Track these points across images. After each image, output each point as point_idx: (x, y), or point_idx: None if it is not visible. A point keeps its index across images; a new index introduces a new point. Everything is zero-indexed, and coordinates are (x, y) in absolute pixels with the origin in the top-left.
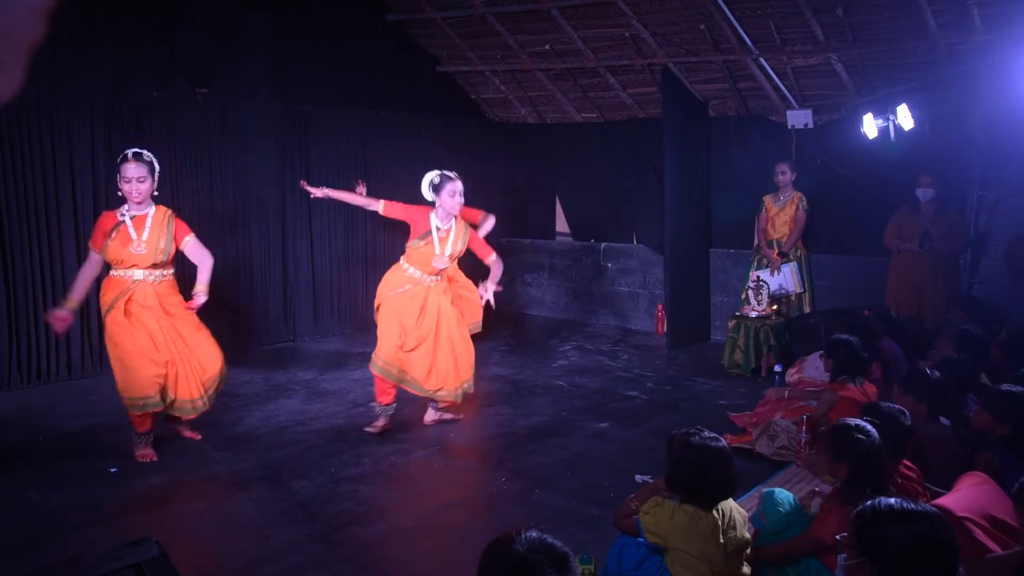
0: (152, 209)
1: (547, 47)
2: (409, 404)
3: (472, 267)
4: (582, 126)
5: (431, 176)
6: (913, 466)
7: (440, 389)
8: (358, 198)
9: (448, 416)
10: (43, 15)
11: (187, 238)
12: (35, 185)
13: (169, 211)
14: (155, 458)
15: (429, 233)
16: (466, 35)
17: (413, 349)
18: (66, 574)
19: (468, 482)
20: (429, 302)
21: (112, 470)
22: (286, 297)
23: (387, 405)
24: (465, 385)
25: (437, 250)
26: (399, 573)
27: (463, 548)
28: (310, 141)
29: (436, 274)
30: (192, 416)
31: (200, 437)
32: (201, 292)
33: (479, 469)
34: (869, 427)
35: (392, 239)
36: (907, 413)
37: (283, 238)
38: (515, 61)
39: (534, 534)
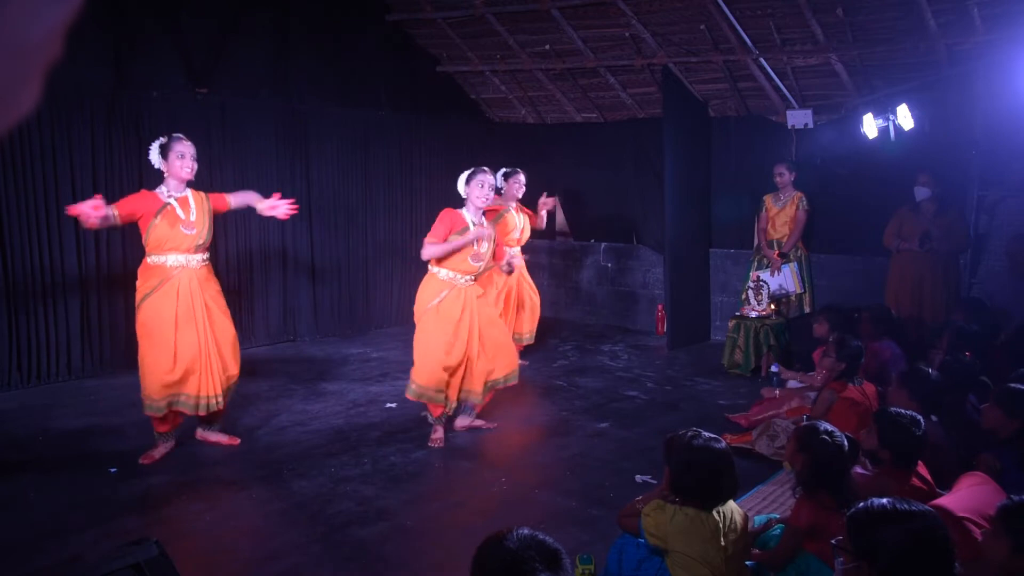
0: (189, 191)
1: (547, 47)
2: (413, 404)
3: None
4: (582, 126)
5: (466, 172)
6: (928, 479)
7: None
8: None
9: (480, 423)
10: (62, 32)
11: (227, 198)
12: (35, 185)
13: (199, 192)
14: (150, 462)
15: (466, 229)
16: (466, 35)
17: (457, 362)
18: (66, 574)
19: (468, 482)
20: (466, 308)
21: (112, 470)
22: (286, 297)
23: (439, 416)
24: (499, 381)
25: (475, 245)
26: (399, 573)
27: (463, 548)
28: (310, 141)
29: (471, 273)
30: (204, 413)
31: (239, 442)
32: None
33: (479, 469)
34: (840, 436)
35: (393, 239)
36: (920, 423)
37: (283, 238)
38: (515, 61)
39: (525, 531)
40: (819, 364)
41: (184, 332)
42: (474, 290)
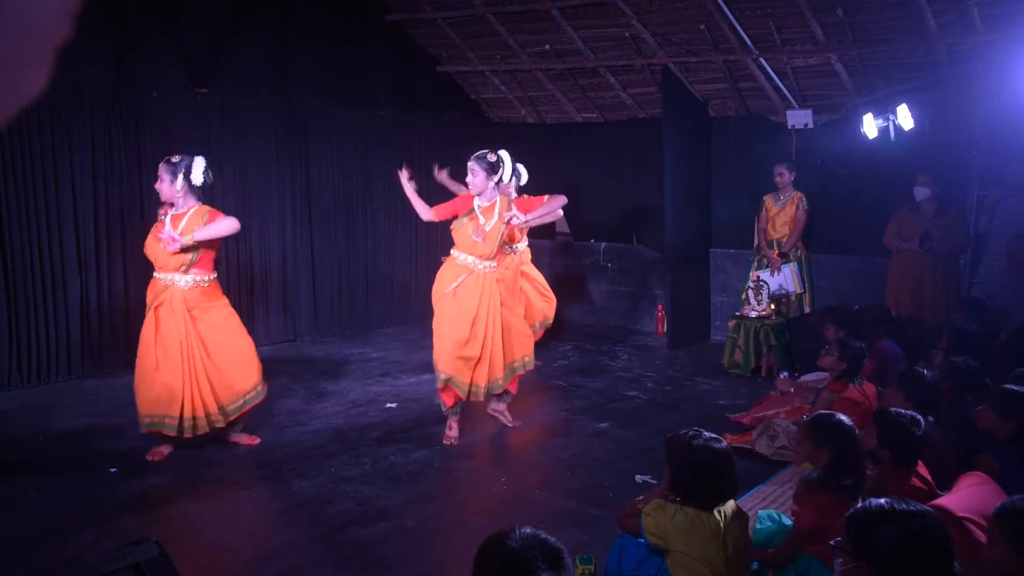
0: (193, 208)
1: (547, 47)
2: (413, 404)
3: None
4: (582, 126)
5: (495, 158)
6: (928, 479)
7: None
8: (417, 200)
9: (506, 417)
10: (71, 11)
11: (217, 218)
12: (35, 185)
13: (207, 208)
14: (158, 459)
15: (472, 211)
16: (466, 35)
17: (473, 346)
18: (66, 574)
19: (468, 482)
20: (484, 295)
21: (112, 470)
22: (286, 297)
23: (453, 407)
24: (517, 365)
25: (480, 220)
26: (399, 573)
27: (463, 548)
28: (310, 141)
29: (488, 258)
30: (190, 435)
31: (258, 441)
32: (181, 237)
33: (479, 469)
34: (849, 421)
35: (393, 239)
36: (920, 422)
37: (283, 238)
38: (515, 61)
39: (528, 530)
40: (821, 365)
41: (166, 351)
42: (494, 275)
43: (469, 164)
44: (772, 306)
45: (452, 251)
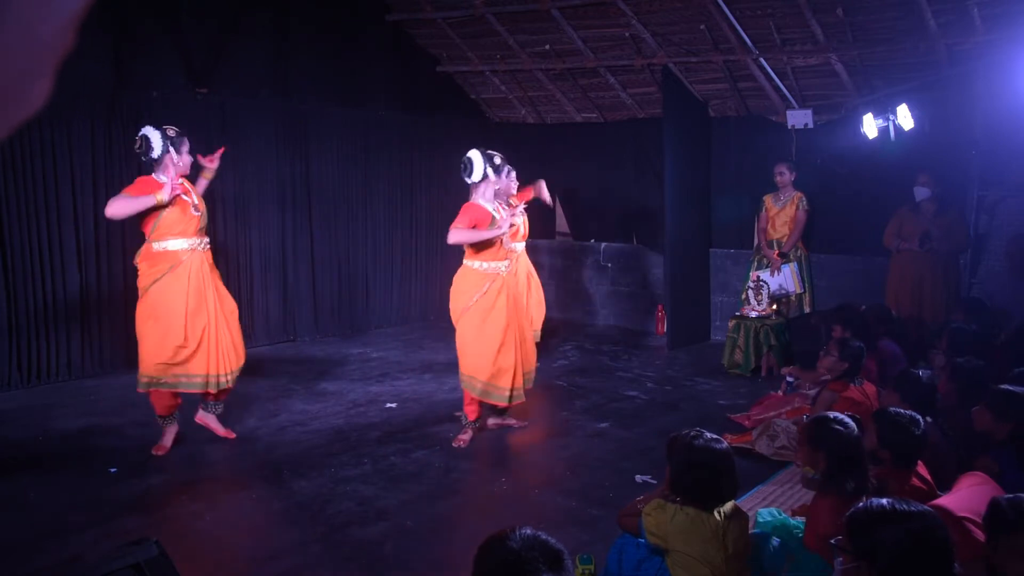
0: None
1: (547, 47)
2: (413, 404)
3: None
4: (582, 126)
5: (489, 156)
6: (928, 479)
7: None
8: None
9: (512, 421)
10: (74, 24)
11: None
12: (35, 185)
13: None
14: (162, 453)
15: (493, 219)
16: (466, 35)
17: (507, 352)
18: (66, 574)
19: (468, 482)
20: (510, 299)
21: (112, 470)
22: (286, 297)
23: (475, 420)
24: (531, 376)
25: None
26: (399, 573)
27: (463, 548)
28: (310, 141)
29: (507, 258)
30: (214, 391)
31: (235, 435)
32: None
33: (479, 469)
34: (848, 419)
35: (393, 239)
36: (919, 422)
37: (283, 238)
38: (515, 61)
39: (528, 531)
40: (821, 365)
41: (195, 315)
42: (513, 279)
43: (512, 169)
44: (772, 306)
45: (467, 263)
